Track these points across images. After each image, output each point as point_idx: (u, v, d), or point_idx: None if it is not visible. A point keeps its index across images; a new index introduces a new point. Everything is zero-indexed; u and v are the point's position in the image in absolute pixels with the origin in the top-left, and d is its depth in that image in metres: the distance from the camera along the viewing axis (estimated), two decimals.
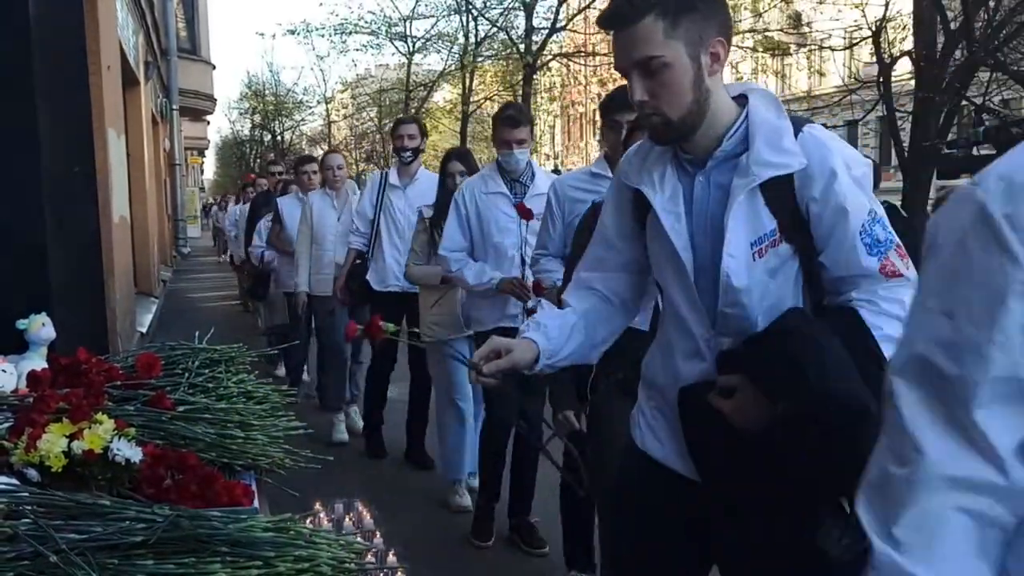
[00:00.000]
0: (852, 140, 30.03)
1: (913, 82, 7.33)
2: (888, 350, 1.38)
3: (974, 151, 4.00)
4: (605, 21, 1.50)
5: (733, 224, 1.48)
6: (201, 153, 32.62)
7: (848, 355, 1.37)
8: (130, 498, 1.46)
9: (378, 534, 2.35)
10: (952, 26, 6.93)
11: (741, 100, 1.56)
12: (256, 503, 1.65)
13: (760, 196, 1.47)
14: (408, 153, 4.72)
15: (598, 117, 3.33)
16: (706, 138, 1.53)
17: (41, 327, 2.47)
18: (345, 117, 33.03)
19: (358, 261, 4.96)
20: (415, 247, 4.20)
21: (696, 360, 1.57)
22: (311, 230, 5.41)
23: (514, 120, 3.64)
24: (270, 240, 6.27)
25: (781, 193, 1.47)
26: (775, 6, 13.96)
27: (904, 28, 8.73)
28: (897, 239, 1.51)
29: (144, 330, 7.54)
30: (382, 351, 4.91)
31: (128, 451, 1.53)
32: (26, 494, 1.36)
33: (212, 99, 20.97)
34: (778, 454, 1.39)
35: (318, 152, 25.28)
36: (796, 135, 1.48)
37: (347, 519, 2.45)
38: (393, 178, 4.83)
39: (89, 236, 3.45)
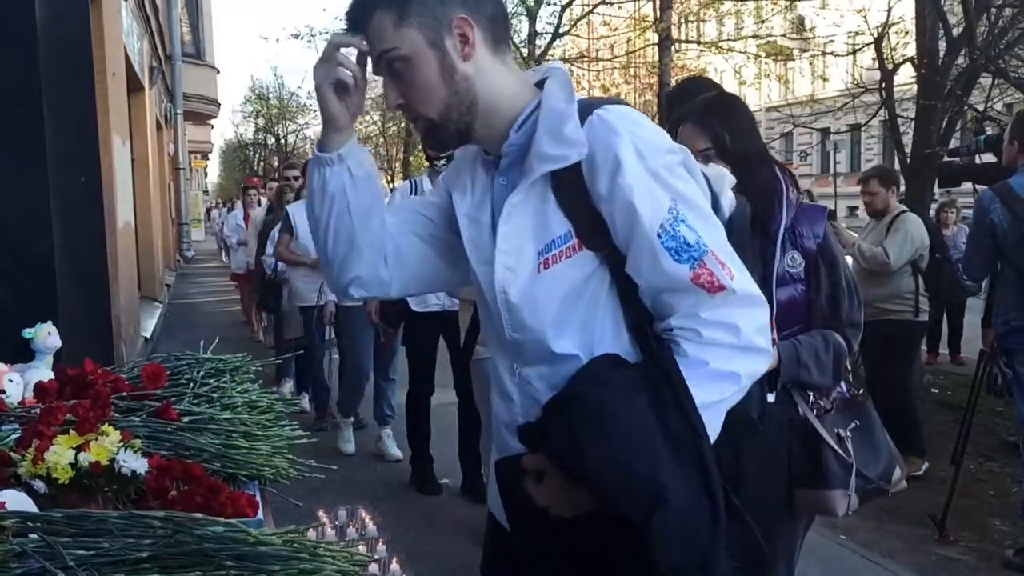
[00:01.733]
0: (855, 145, 29.94)
1: (915, 88, 7.33)
2: (718, 389, 1.20)
3: (976, 159, 3.99)
4: (349, 28, 1.34)
5: (507, 229, 1.28)
6: (205, 157, 32.70)
7: (651, 420, 1.14)
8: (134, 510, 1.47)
9: (381, 542, 2.37)
10: (954, 32, 6.94)
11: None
12: (260, 514, 1.65)
13: (551, 196, 1.26)
14: (442, 161, 4.40)
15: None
16: (492, 132, 1.32)
17: (47, 336, 2.48)
18: None
19: None
20: None
21: (506, 399, 1.35)
22: None
23: None
24: (277, 251, 5.75)
25: (574, 191, 1.25)
26: (778, 12, 13.98)
27: (906, 34, 8.74)
28: (714, 245, 1.23)
29: (148, 335, 7.56)
30: (418, 369, 4.61)
31: (134, 463, 1.54)
32: (35, 510, 1.37)
33: (216, 103, 21.05)
34: (605, 545, 1.19)
35: None
36: (586, 120, 1.25)
37: (351, 526, 2.46)
38: (427, 187, 4.46)
39: (94, 243, 3.46)
